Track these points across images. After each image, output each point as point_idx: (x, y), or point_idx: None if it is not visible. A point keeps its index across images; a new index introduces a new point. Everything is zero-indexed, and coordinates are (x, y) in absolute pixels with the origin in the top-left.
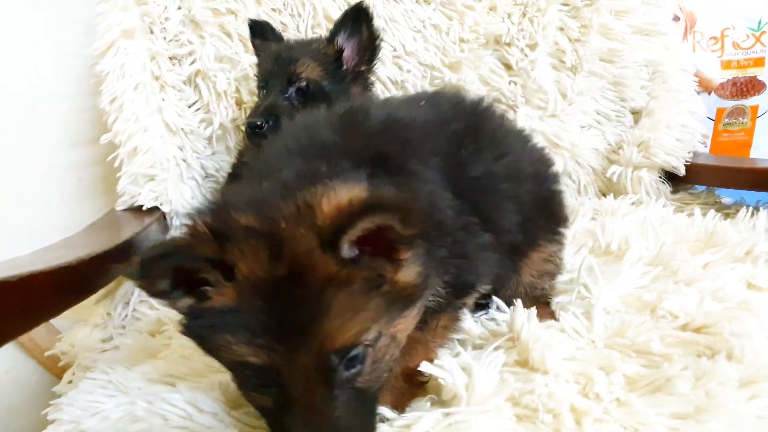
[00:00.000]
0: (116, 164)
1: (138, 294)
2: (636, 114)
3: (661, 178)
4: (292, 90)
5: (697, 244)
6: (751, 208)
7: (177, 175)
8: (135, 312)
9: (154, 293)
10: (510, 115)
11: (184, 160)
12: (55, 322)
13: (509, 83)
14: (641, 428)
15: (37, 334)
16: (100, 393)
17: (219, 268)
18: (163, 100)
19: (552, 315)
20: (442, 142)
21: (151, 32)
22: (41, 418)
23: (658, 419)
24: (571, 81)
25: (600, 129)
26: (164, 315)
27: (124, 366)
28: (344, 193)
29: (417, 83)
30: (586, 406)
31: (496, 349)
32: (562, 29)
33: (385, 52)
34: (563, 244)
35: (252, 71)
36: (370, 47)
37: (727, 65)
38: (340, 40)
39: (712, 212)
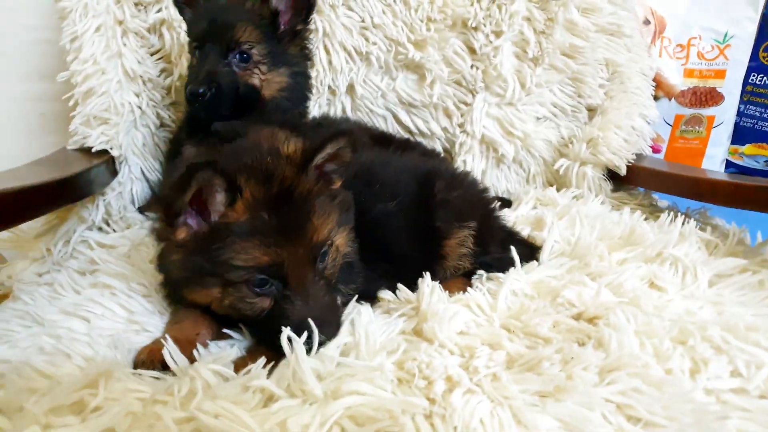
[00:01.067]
0: (71, 103)
1: (79, 232)
2: (591, 111)
3: (604, 175)
4: (231, 56)
5: (619, 241)
6: (673, 213)
7: (131, 121)
8: (74, 251)
9: (175, 211)
10: (469, 98)
11: (139, 107)
12: (4, 252)
13: (471, 67)
14: (505, 402)
15: None
16: (17, 322)
17: (227, 193)
18: (125, 45)
19: (468, 285)
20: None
21: None
22: None
23: (522, 395)
24: (532, 72)
25: (555, 122)
26: (98, 256)
27: (45, 299)
28: (296, 141)
29: (381, 56)
30: (458, 376)
31: (400, 316)
32: (528, 19)
33: (352, 22)
34: (472, 229)
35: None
36: (305, 5)
37: (689, 74)
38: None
39: (638, 213)
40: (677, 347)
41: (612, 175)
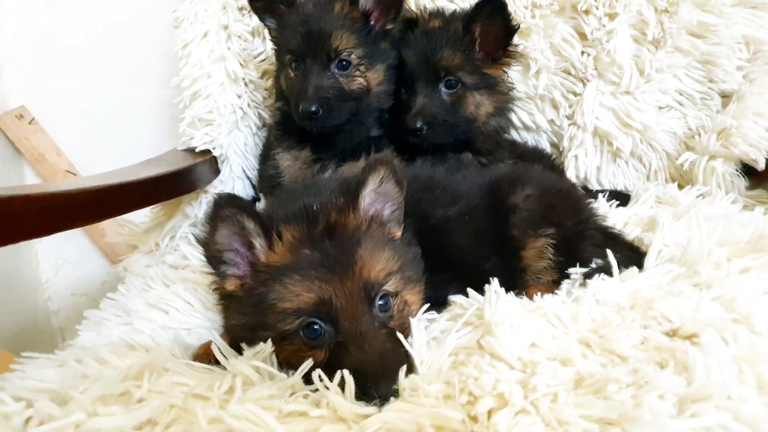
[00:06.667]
0: (180, 106)
1: (183, 228)
2: (726, 98)
3: (737, 170)
4: (333, 66)
5: (745, 247)
6: None
7: (233, 122)
8: (176, 245)
9: (212, 253)
10: (578, 88)
11: (240, 108)
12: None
13: (582, 54)
14: (560, 427)
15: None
16: (111, 311)
17: (265, 237)
18: (228, 49)
19: (554, 289)
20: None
21: None
22: None
23: (582, 421)
24: (652, 56)
25: (681, 111)
26: (189, 252)
27: (137, 290)
28: None
29: None
30: (509, 394)
31: (466, 324)
32: None
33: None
34: (551, 237)
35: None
36: (394, 4)
37: None
38: (364, 0)
39: None
40: None
41: (748, 170)
